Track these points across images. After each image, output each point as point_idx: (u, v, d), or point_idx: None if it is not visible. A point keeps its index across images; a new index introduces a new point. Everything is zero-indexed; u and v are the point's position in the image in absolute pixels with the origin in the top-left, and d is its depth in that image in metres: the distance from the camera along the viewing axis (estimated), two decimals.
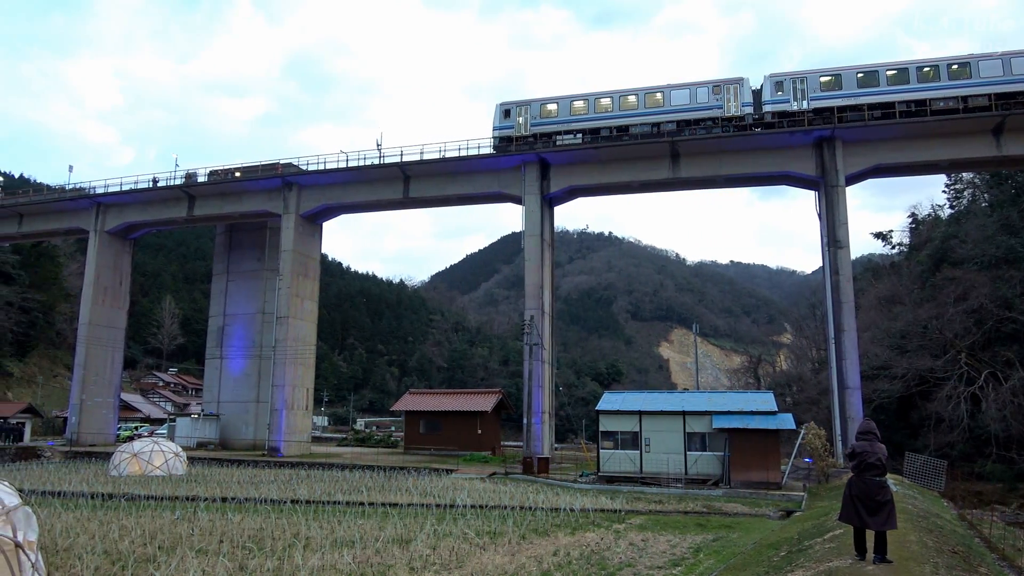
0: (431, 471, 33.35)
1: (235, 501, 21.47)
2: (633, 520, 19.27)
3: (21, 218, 57.21)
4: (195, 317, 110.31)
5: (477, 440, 46.68)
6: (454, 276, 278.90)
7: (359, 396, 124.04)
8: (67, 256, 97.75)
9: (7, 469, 32.48)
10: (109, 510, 18.55)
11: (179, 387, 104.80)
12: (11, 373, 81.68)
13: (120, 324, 55.58)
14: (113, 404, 54.87)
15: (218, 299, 56.58)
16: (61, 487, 23.97)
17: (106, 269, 53.94)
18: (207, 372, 57.08)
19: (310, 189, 48.70)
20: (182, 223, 57.02)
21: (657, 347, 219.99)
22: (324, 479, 29.51)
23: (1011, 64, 36.68)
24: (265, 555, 12.55)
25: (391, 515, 18.23)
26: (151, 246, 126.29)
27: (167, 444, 32.92)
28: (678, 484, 29.68)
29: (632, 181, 43.00)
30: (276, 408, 45.74)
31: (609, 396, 36.07)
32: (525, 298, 42.52)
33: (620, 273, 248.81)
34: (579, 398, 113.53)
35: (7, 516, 8.17)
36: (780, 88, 40.22)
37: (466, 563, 12.49)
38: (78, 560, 11.57)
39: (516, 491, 25.26)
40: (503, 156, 43.66)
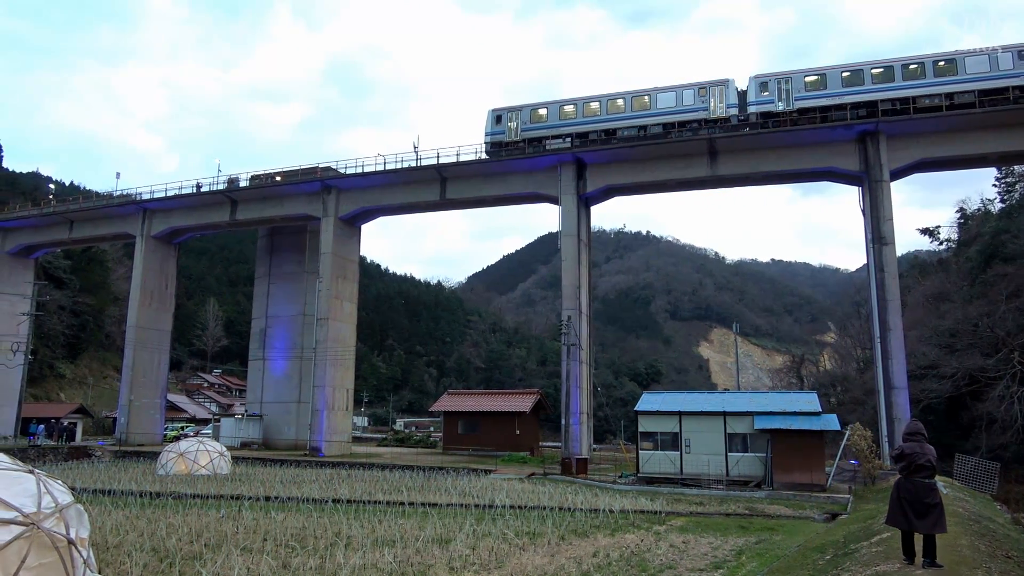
0: (470, 471, 33.46)
1: (278, 500, 21.80)
2: (674, 522, 19.07)
3: (71, 224, 58.97)
4: (238, 319, 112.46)
5: (515, 441, 46.69)
6: (491, 277, 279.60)
7: (398, 397, 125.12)
8: (115, 260, 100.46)
9: (60, 468, 33.46)
10: (157, 508, 18.99)
11: (223, 388, 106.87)
12: (63, 375, 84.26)
13: (166, 326, 56.91)
14: (160, 405, 56.18)
15: (260, 301, 57.60)
16: (111, 486, 24.58)
17: (152, 273, 55.29)
18: (250, 373, 58.13)
19: (348, 192, 49.28)
20: (225, 227, 58.16)
21: (696, 347, 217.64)
22: (364, 479, 29.80)
23: (997, 60, 36.18)
24: (308, 553, 12.71)
25: (431, 515, 18.32)
26: (195, 250, 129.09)
27: (212, 444, 33.57)
28: (719, 486, 29.30)
29: (669, 179, 42.60)
30: (317, 408, 46.37)
31: (648, 396, 35.77)
32: (562, 298, 42.40)
33: (658, 272, 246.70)
34: (617, 398, 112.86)
35: (60, 514, 8.41)
36: (765, 89, 40.29)
37: (505, 563, 12.49)
38: (127, 557, 11.86)
39: (555, 492, 25.20)
40: (539, 156, 43.63)
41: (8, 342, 56.60)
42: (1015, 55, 35.90)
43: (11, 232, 60.67)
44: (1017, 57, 35.85)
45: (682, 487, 29.28)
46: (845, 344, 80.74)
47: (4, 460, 8.81)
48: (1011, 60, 35.87)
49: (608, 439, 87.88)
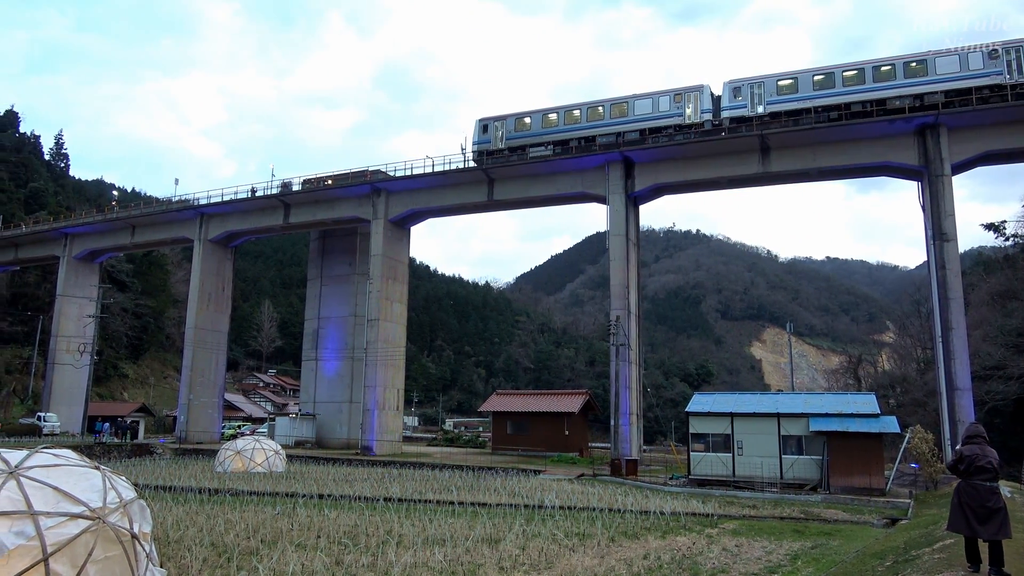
0: (519, 472, 33.49)
1: (331, 498, 22.18)
2: (726, 525, 18.77)
3: (133, 229, 61.07)
4: (292, 320, 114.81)
5: (564, 441, 46.56)
6: (539, 277, 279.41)
7: (447, 397, 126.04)
8: (174, 264, 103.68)
9: (124, 464, 34.63)
10: (215, 504, 19.49)
11: (278, 387, 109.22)
12: (126, 375, 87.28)
13: (223, 328, 58.46)
14: (218, 404, 57.72)
15: (313, 303, 58.72)
16: (172, 482, 25.34)
17: (210, 276, 56.86)
18: (303, 373, 59.29)
19: (398, 195, 49.87)
20: (278, 230, 59.46)
21: (748, 347, 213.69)
22: (415, 478, 30.10)
23: (967, 60, 36.34)
24: (360, 551, 12.90)
25: (480, 515, 18.40)
26: (250, 253, 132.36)
27: (268, 442, 34.32)
28: (773, 489, 28.72)
29: (720, 177, 41.94)
30: (368, 408, 47.04)
31: (699, 397, 35.27)
32: (611, 298, 42.15)
33: (709, 271, 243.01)
34: (668, 399, 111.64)
35: (124, 509, 8.71)
36: (738, 94, 40.96)
37: (555, 564, 12.47)
38: (188, 551, 12.21)
39: (604, 493, 25.05)
40: (586, 156, 43.45)
41: (76, 343, 58.97)
42: (984, 55, 36.11)
43: (78, 237, 63.14)
44: (988, 57, 36.01)
45: (735, 490, 28.80)
46: (905, 344, 78.36)
47: (72, 457, 9.17)
48: (980, 61, 36.15)
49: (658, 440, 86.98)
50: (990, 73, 35.83)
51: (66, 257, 62.84)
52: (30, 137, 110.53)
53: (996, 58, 35.81)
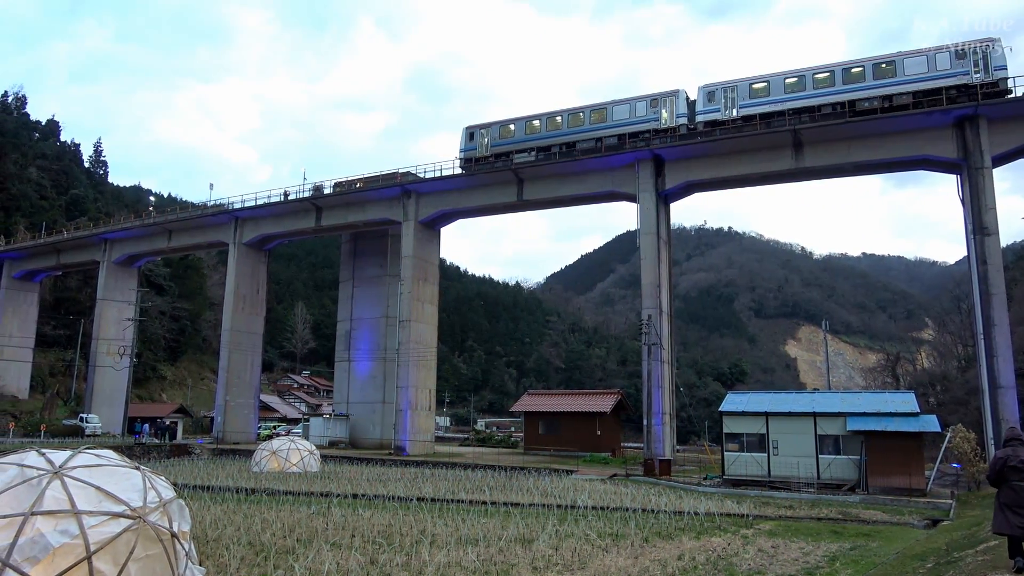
0: (551, 472, 33.45)
1: (365, 498, 22.37)
2: (762, 525, 18.53)
3: (170, 234, 62.28)
4: (325, 322, 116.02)
5: (596, 441, 46.39)
6: (569, 277, 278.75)
7: (479, 397, 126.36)
8: (210, 267, 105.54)
9: (163, 464, 35.32)
10: (252, 504, 19.78)
11: (312, 388, 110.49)
12: (164, 376, 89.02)
13: (258, 330, 59.32)
14: (253, 405, 58.59)
15: (345, 304, 59.29)
16: (209, 482, 25.77)
17: (244, 278, 57.74)
18: (336, 374, 59.92)
19: (428, 196, 50.13)
20: (311, 233, 60.17)
21: (783, 345, 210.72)
22: (448, 478, 30.22)
23: (935, 60, 36.56)
24: (394, 550, 12.99)
25: (513, 515, 18.41)
26: (284, 256, 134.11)
27: (302, 442, 34.72)
28: (810, 489, 28.28)
29: (752, 173, 41.43)
30: (401, 409, 47.37)
31: (733, 397, 34.86)
32: (642, 297, 41.88)
33: (741, 269, 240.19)
34: (701, 399, 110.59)
35: (164, 508, 8.88)
36: (712, 98, 41.71)
37: (588, 564, 12.42)
38: (226, 550, 12.41)
39: (638, 493, 24.90)
40: (615, 155, 43.24)
41: (116, 346, 60.29)
42: (952, 55, 36.16)
43: (116, 243, 64.57)
44: (955, 57, 36.09)
45: (770, 490, 28.42)
46: (945, 341, 76.70)
47: (113, 457, 9.37)
48: (948, 61, 36.17)
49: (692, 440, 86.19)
50: (957, 73, 35.98)
51: (106, 262, 64.31)
52: (70, 145, 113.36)
53: (963, 58, 35.93)
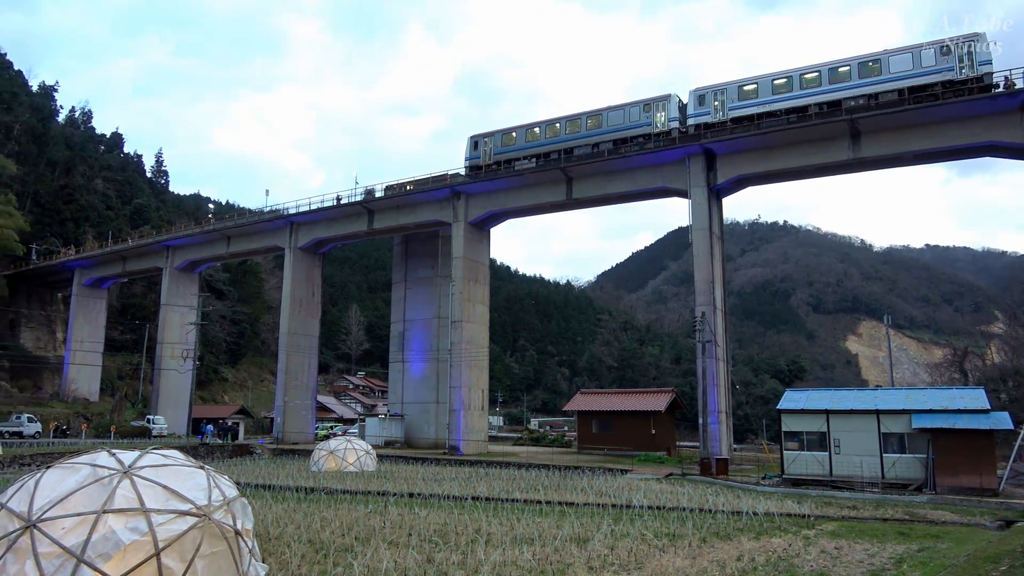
0: (605, 471, 33.24)
1: (420, 497, 22.60)
2: (824, 526, 18.06)
3: (229, 240, 64.03)
4: (378, 323, 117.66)
5: (651, 440, 45.92)
6: (620, 275, 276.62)
7: (532, 396, 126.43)
8: (267, 272, 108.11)
9: (226, 464, 36.32)
10: (311, 503, 20.18)
11: (367, 389, 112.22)
12: (226, 379, 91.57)
13: (314, 332, 60.50)
14: (311, 405, 59.78)
15: (398, 306, 60.01)
16: (270, 481, 26.39)
17: (300, 282, 58.97)
18: (391, 375, 60.68)
19: (477, 197, 50.39)
20: (363, 236, 61.10)
21: (843, 341, 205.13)
22: (502, 477, 30.31)
23: (920, 57, 36.50)
24: (450, 549, 13.09)
25: (568, 514, 18.35)
26: (337, 259, 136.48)
27: (359, 442, 35.28)
28: (874, 489, 27.45)
29: (807, 165, 40.41)
30: (454, 408, 47.72)
31: (791, 394, 34.06)
32: (695, 294, 41.27)
33: (798, 264, 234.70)
34: (758, 396, 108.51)
35: (228, 506, 9.13)
36: (703, 102, 42.45)
37: (645, 565, 12.30)
38: (287, 547, 12.70)
39: (694, 493, 24.56)
40: (665, 150, 42.73)
41: (179, 349, 62.29)
42: (937, 51, 36.18)
43: (178, 249, 66.71)
44: (940, 53, 36.06)
45: (832, 490, 27.68)
46: (1017, 335, 73.49)
47: (179, 457, 9.68)
48: (933, 57, 36.22)
49: (749, 439, 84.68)
50: (942, 69, 35.95)
51: (168, 268, 66.50)
52: (133, 157, 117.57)
53: (948, 54, 35.87)
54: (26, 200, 79.70)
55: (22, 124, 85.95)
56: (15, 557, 7.74)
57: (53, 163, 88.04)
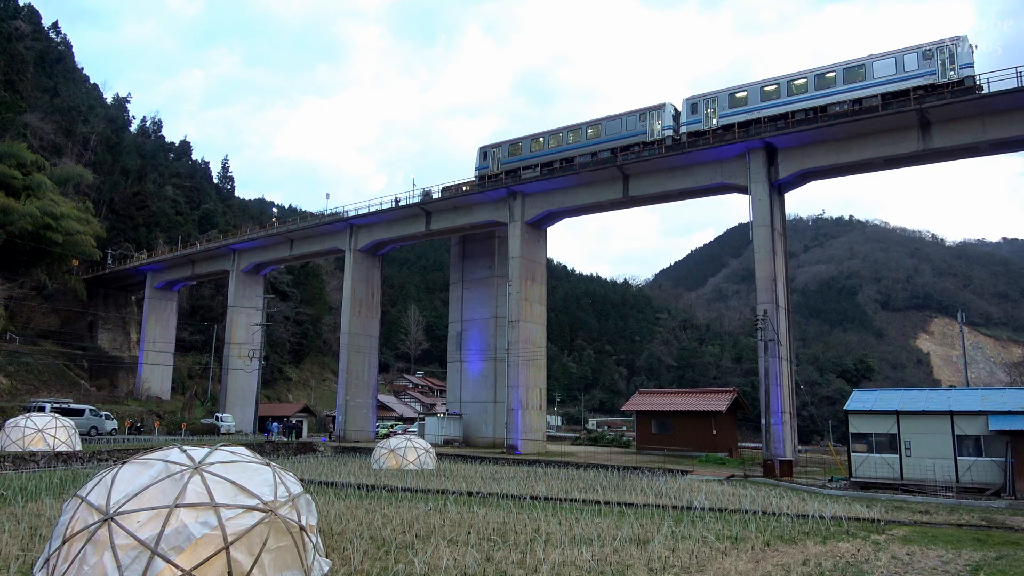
0: (665, 472, 32.82)
1: (479, 495, 22.72)
2: (895, 531, 17.44)
3: (291, 242, 65.69)
4: (436, 323, 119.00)
5: (712, 441, 45.16)
6: (679, 273, 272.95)
7: (589, 396, 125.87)
8: (328, 274, 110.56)
9: (290, 461, 37.24)
10: (373, 500, 20.51)
11: (426, 388, 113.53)
12: (290, 378, 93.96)
13: (374, 332, 61.53)
14: (371, 404, 60.79)
15: (455, 306, 60.54)
16: (333, 478, 26.92)
17: (360, 283, 60.06)
18: (449, 374, 61.24)
19: (533, 197, 50.41)
20: (421, 237, 61.82)
21: (914, 340, 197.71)
22: (560, 477, 30.24)
23: (903, 62, 37.22)
24: (509, 548, 13.12)
25: (627, 515, 18.19)
26: (396, 260, 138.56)
27: (418, 441, 35.67)
28: (948, 493, 26.37)
29: (874, 158, 39.08)
30: (512, 408, 47.85)
31: (859, 394, 33.00)
32: (757, 292, 40.42)
33: (865, 259, 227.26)
34: (823, 397, 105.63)
35: (293, 502, 9.35)
36: (695, 110, 43.89)
37: (707, 567, 12.10)
38: (350, 544, 12.93)
39: (757, 495, 24.02)
40: (725, 145, 41.94)
41: (246, 350, 64.20)
42: (920, 56, 36.84)
43: (244, 253, 68.76)
44: (922, 57, 36.75)
45: (903, 493, 26.72)
46: None
47: (246, 453, 9.96)
48: (916, 62, 36.89)
49: (815, 440, 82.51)
50: (924, 73, 36.65)
51: (235, 271, 68.61)
52: (201, 163, 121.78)
53: (930, 58, 36.52)
54: (102, 207, 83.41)
55: (98, 135, 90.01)
56: (94, 549, 8.09)
57: (126, 171, 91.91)
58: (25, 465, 29.68)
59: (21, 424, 32.62)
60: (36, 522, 14.07)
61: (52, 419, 33.99)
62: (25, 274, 64.67)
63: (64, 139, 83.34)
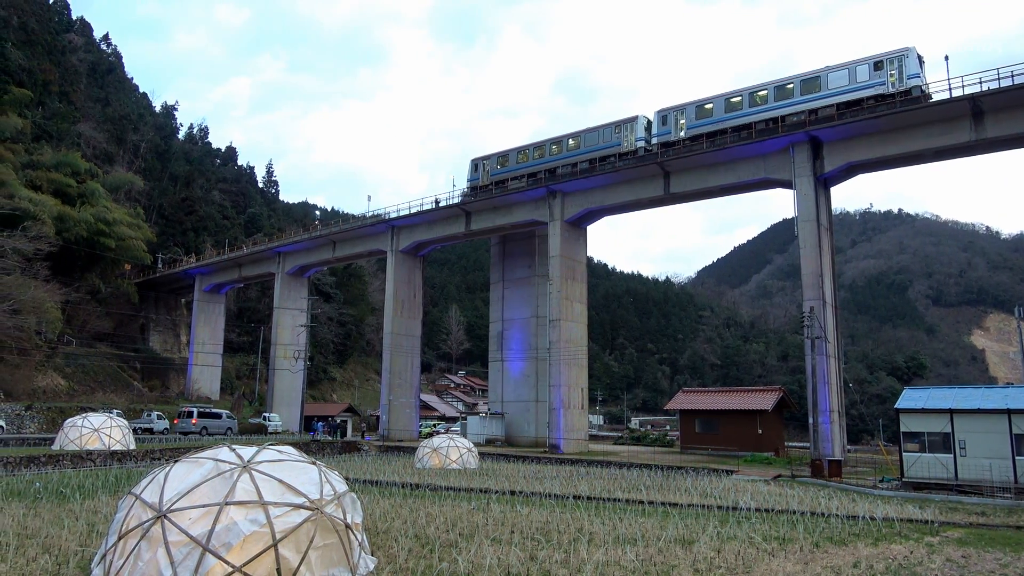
0: (710, 471, 32.41)
1: (522, 495, 22.73)
2: (950, 533, 16.94)
3: (334, 244, 66.63)
4: (477, 323, 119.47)
5: (757, 440, 44.46)
6: (722, 270, 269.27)
7: (632, 395, 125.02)
8: (371, 275, 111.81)
9: (335, 460, 37.76)
10: (416, 498, 20.68)
11: (468, 388, 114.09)
12: (334, 378, 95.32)
13: (416, 332, 62.03)
14: (414, 404, 61.30)
15: (496, 306, 60.69)
16: (377, 477, 27.21)
17: (402, 284, 60.61)
18: (490, 374, 61.43)
19: (572, 195, 50.25)
20: (461, 238, 62.12)
21: (968, 336, 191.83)
22: (603, 476, 30.09)
23: (856, 73, 38.51)
24: (552, 547, 13.11)
25: (671, 515, 18.01)
26: (437, 261, 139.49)
27: (461, 440, 35.85)
28: (1006, 494, 25.50)
29: (923, 150, 37.99)
30: (554, 407, 47.78)
31: (911, 392, 32.11)
32: (803, 288, 39.62)
33: (915, 254, 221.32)
34: (873, 395, 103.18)
35: (338, 500, 9.49)
36: (665, 121, 45.78)
37: (754, 569, 11.91)
38: (394, 542, 13.06)
39: (805, 495, 23.56)
40: (768, 140, 41.23)
41: (291, 350, 65.33)
42: (870, 67, 38.14)
43: (288, 255, 69.97)
44: (873, 68, 38.08)
45: (957, 494, 25.92)
46: None
47: (293, 452, 10.14)
48: (867, 72, 38.26)
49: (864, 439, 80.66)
50: (875, 84, 37.88)
51: (280, 273, 69.87)
52: (246, 168, 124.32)
53: (880, 69, 37.82)
54: (152, 212, 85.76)
55: (148, 143, 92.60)
56: (148, 545, 8.33)
57: (175, 177, 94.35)
58: (82, 463, 30.68)
59: (78, 424, 33.77)
60: (93, 518, 14.54)
61: (107, 419, 35.12)
62: (80, 279, 66.83)
63: (115, 147, 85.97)
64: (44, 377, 57.56)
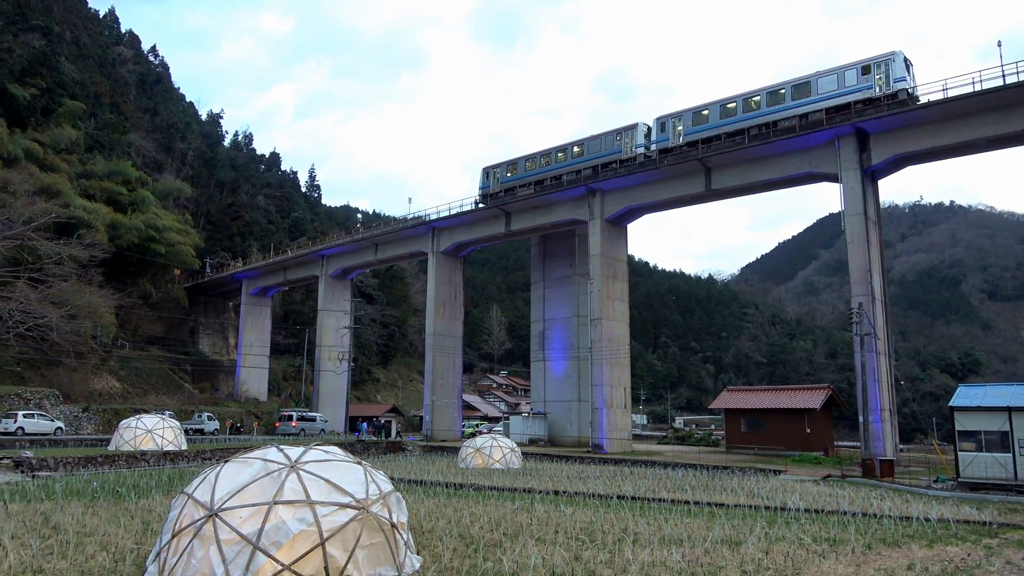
0: (756, 471, 31.89)
1: (566, 494, 22.67)
2: (1009, 535, 16.36)
3: (376, 247, 67.40)
4: (519, 323, 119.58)
5: (805, 439, 43.59)
6: (766, 266, 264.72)
7: (675, 394, 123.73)
8: (412, 276, 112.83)
9: (380, 460, 38.19)
10: (460, 498, 20.78)
11: (510, 388, 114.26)
12: (378, 379, 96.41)
13: (457, 333, 62.37)
14: (457, 404, 61.65)
15: (537, 305, 60.68)
16: (421, 476, 27.43)
17: (443, 285, 61.00)
18: (533, 373, 61.45)
19: (612, 193, 49.96)
20: (501, 238, 62.28)
21: None
22: (647, 476, 29.85)
23: (844, 77, 39.38)
24: (597, 547, 13.05)
25: (718, 515, 17.77)
26: (477, 261, 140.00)
27: (504, 440, 35.92)
28: None
29: (976, 139, 36.76)
30: (596, 407, 47.56)
31: (966, 390, 31.13)
32: (850, 284, 38.74)
33: (969, 247, 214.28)
34: (926, 393, 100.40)
35: (384, 500, 9.59)
36: (663, 128, 46.86)
37: (803, 571, 11.68)
38: (439, 541, 13.15)
39: (856, 496, 23.02)
40: (812, 133, 40.41)
41: (335, 352, 66.31)
42: (858, 71, 38.90)
43: (331, 258, 71.01)
44: (861, 73, 38.77)
45: (1016, 495, 25.04)
46: None
47: (339, 452, 10.28)
48: (855, 77, 38.93)
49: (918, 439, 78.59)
50: (863, 88, 38.62)
51: (323, 276, 70.94)
52: (289, 174, 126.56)
53: (868, 73, 38.53)
54: (200, 218, 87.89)
55: (194, 150, 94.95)
56: (201, 543, 8.53)
57: (221, 183, 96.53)
58: (136, 463, 31.60)
59: (133, 425, 34.79)
60: (148, 517, 14.95)
61: (160, 420, 36.11)
62: (132, 284, 68.86)
63: (164, 155, 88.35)
64: (99, 380, 59.41)
